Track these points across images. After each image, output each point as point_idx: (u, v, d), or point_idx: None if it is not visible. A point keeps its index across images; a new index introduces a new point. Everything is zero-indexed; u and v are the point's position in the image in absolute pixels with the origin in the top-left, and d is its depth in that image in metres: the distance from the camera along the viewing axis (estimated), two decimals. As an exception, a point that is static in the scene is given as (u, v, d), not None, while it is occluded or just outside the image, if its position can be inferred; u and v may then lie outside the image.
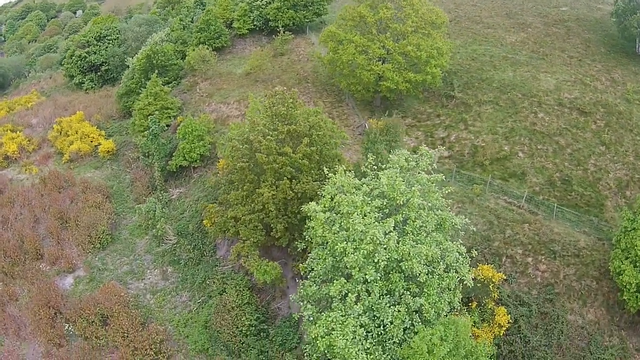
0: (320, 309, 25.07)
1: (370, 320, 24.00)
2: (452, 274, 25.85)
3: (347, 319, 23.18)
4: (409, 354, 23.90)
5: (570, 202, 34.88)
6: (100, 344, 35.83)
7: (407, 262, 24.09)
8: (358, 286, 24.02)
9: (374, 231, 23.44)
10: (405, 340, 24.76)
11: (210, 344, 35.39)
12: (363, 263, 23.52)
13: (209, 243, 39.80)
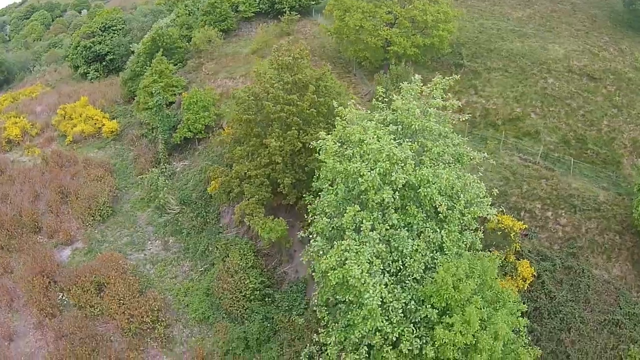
0: (331, 244, 22.02)
1: (387, 253, 21.02)
2: (474, 209, 23.04)
3: (363, 247, 20.20)
4: (431, 291, 20.85)
5: (586, 159, 32.20)
6: (94, 313, 32.46)
7: (425, 188, 21.27)
8: (374, 213, 21.12)
9: (390, 147, 20.69)
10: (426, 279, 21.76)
11: (211, 312, 32.03)
12: (379, 184, 20.68)
13: (213, 211, 36.84)
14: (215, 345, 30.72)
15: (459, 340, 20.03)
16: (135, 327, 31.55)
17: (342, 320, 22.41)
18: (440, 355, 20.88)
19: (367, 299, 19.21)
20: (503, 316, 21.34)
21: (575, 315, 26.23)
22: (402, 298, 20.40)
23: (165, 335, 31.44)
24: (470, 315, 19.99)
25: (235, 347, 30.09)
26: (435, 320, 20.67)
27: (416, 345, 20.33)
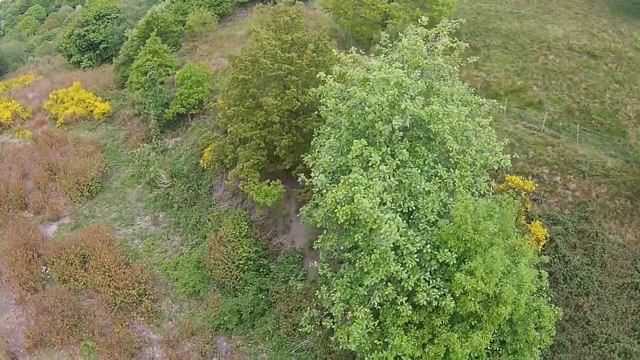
0: (336, 181, 19.34)
1: (399, 191, 18.44)
2: (486, 154, 20.67)
3: (372, 181, 17.60)
4: (448, 234, 18.19)
5: (591, 129, 30.10)
6: (78, 287, 29.33)
7: (436, 124, 18.84)
8: (382, 149, 18.58)
9: (398, 71, 18.25)
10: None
11: (202, 285, 28.98)
12: (388, 114, 18.18)
13: (205, 184, 34.02)
14: (206, 320, 27.75)
15: (482, 289, 17.44)
16: (120, 301, 28.46)
17: (348, 274, 19.72)
18: (460, 309, 18.28)
19: (381, 237, 16.51)
20: (524, 267, 18.81)
21: (592, 279, 23.74)
22: (417, 241, 17.77)
23: (152, 310, 28.38)
24: (494, 258, 17.43)
25: (228, 321, 27.11)
26: (454, 267, 18.08)
27: (434, 295, 17.66)
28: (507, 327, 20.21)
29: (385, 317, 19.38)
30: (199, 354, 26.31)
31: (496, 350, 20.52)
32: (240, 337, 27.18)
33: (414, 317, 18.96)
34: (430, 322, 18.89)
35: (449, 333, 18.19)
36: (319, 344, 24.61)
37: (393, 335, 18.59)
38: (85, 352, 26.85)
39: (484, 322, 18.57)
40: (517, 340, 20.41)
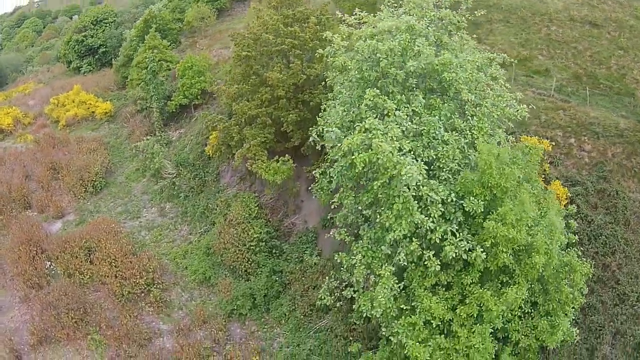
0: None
1: (417, 137, 17.01)
2: (502, 106, 19.38)
3: (389, 125, 16.16)
4: (472, 183, 16.75)
5: (599, 93, 29.00)
6: (84, 280, 27.77)
7: (450, 73, 17.51)
8: (397, 97, 17.20)
9: (409, 18, 16.98)
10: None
11: (212, 271, 27.30)
12: (400, 59, 16.80)
13: (212, 172, 32.55)
14: (218, 307, 26.14)
15: (514, 237, 15.99)
16: (127, 292, 26.81)
17: (368, 236, 18.21)
18: (491, 264, 16.80)
19: (402, 184, 15.07)
20: (553, 215, 17.39)
21: (617, 238, 22.27)
22: (441, 190, 16.33)
23: (161, 299, 26.73)
24: (523, 204, 16.02)
25: (241, 306, 25.49)
26: (480, 218, 16.62)
27: (463, 248, 16.16)
28: (538, 285, 18.75)
29: (411, 280, 17.86)
30: (212, 342, 24.72)
31: (528, 312, 19.06)
32: (254, 322, 25.58)
33: (441, 277, 17.48)
34: (460, 281, 17.40)
35: (481, 290, 16.69)
36: (339, 321, 23.06)
37: (421, 297, 17.07)
38: (93, 346, 25.17)
39: (516, 277, 17.11)
40: (549, 300, 18.93)
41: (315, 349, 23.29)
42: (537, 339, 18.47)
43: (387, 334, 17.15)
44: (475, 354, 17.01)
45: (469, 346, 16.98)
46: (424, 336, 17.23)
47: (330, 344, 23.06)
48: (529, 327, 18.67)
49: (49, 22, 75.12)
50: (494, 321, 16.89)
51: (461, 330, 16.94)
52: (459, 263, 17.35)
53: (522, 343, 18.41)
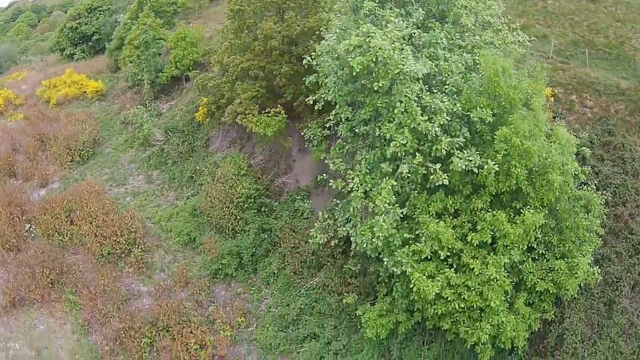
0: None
1: (418, 52, 14.88)
2: (504, 33, 17.49)
3: (388, 27, 13.97)
4: (477, 93, 14.70)
5: (599, 57, 27.28)
6: (64, 241, 25.06)
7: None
8: (395, 9, 15.01)
9: None
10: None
11: (198, 233, 24.78)
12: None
13: (202, 137, 30.04)
14: (203, 269, 23.51)
15: (528, 148, 13.90)
16: (107, 252, 24.25)
17: (366, 159, 15.87)
18: (503, 184, 14.57)
19: (407, 71, 12.87)
20: (563, 130, 15.41)
21: (627, 187, 20.12)
22: (445, 101, 14.18)
23: (142, 260, 24.14)
24: (536, 108, 13.98)
25: (227, 265, 22.92)
26: (489, 133, 14.49)
27: (473, 161, 13.96)
28: (552, 222, 16.49)
29: (414, 209, 15.52)
30: (194, 303, 22.04)
31: (542, 254, 16.73)
32: (241, 284, 23.02)
33: (448, 202, 15.18)
34: (469, 207, 15.07)
35: (496, 212, 14.40)
36: (333, 277, 20.51)
37: (426, 224, 14.71)
38: (67, 307, 22.47)
39: (531, 201, 14.87)
40: (563, 240, 16.66)
41: (306, 308, 20.76)
42: (554, 282, 16.11)
43: (389, 265, 14.66)
44: (489, 292, 14.58)
45: (482, 282, 14.55)
46: (432, 270, 14.81)
47: (323, 302, 20.51)
48: (544, 270, 16.34)
49: (43, 16, 72.87)
50: (510, 250, 14.56)
51: (473, 262, 14.53)
52: (467, 187, 15.10)
53: (539, 287, 16.06)
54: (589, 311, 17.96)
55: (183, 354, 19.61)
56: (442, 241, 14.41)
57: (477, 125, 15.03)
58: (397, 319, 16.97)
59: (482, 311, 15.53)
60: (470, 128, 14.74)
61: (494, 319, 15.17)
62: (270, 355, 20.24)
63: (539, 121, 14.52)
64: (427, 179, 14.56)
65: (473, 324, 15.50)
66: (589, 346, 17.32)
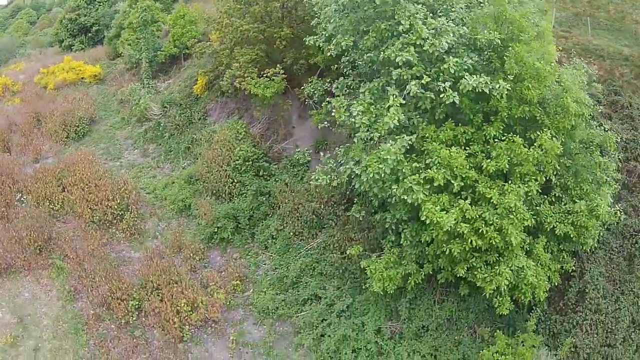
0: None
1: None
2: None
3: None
4: (484, 19, 13.25)
5: (600, 28, 26.10)
6: (55, 209, 23.07)
7: None
8: None
9: None
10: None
11: (193, 200, 22.80)
12: None
13: (199, 110, 28.25)
14: (197, 234, 21.52)
15: (540, 69, 12.41)
16: (98, 218, 22.27)
17: (370, 89, 14.25)
18: (516, 109, 12.99)
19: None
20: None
21: (638, 143, 18.68)
22: (452, 24, 12.67)
23: (134, 226, 22.18)
24: (546, 30, 12.58)
25: (222, 229, 20.94)
26: (497, 60, 13.02)
27: (482, 81, 12.40)
28: (567, 161, 14.89)
29: (423, 139, 13.85)
30: (188, 269, 19.96)
31: (559, 197, 15.06)
32: (237, 249, 21.06)
33: (459, 131, 13.52)
34: (482, 136, 13.43)
35: (510, 136, 12.80)
36: (336, 234, 18.60)
37: (437, 150, 13.00)
38: (54, 274, 20.41)
39: (546, 129, 13.33)
40: (580, 182, 15.01)
41: (307, 270, 18.83)
42: (574, 225, 14.40)
43: (399, 193, 12.82)
44: (508, 226, 12.81)
45: (501, 214, 12.81)
46: (445, 202, 13.04)
47: (325, 263, 18.58)
48: (562, 213, 14.65)
49: (43, 13, 71.03)
50: (527, 182, 12.87)
51: (490, 192, 12.79)
52: (477, 117, 13.51)
53: (558, 231, 14.33)
54: (608, 266, 16.27)
55: (172, 316, 17.58)
56: (455, 169, 12.72)
57: (484, 52, 13.71)
58: (405, 271, 15.11)
59: (500, 256, 13.77)
60: (478, 56, 13.36)
61: (514, 262, 13.39)
62: (267, 319, 18.24)
63: (549, 43, 13.09)
64: (435, 107, 12.99)
65: (491, 269, 13.71)
66: (612, 302, 15.58)
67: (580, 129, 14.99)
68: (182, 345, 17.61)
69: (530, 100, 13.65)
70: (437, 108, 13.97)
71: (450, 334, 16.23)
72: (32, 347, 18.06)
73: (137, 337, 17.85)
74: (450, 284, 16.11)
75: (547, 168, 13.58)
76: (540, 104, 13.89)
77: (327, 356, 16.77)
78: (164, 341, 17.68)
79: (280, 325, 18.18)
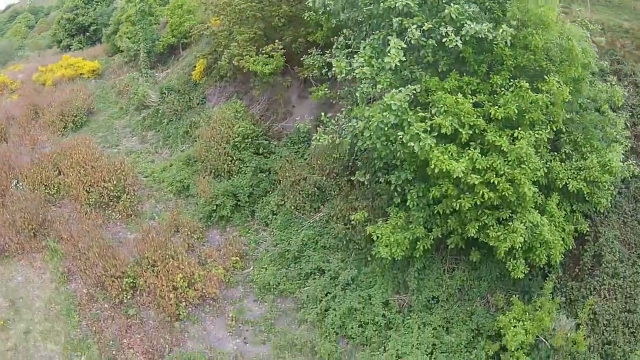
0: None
1: None
2: None
3: None
4: None
5: (599, 4, 25.35)
6: (51, 193, 21.93)
7: None
8: None
9: None
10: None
11: (192, 180, 21.74)
12: None
13: (198, 96, 27.12)
14: (196, 214, 20.35)
15: (544, 14, 11.72)
16: (94, 200, 21.13)
17: (370, 43, 13.28)
18: (521, 57, 12.09)
19: None
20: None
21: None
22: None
23: (131, 207, 21.05)
24: None
25: (221, 206, 19.77)
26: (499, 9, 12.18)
27: (485, 26, 11.58)
28: (575, 116, 14.00)
29: (427, 91, 12.88)
30: (184, 247, 18.61)
31: (569, 154, 14.08)
32: (237, 228, 19.88)
33: (464, 81, 12.60)
34: (488, 85, 12.53)
35: (517, 82, 11.92)
36: (338, 201, 17.49)
37: (442, 98, 12.04)
38: (48, 257, 19.25)
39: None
40: (589, 138, 14.08)
41: (309, 243, 17.67)
42: (587, 181, 13.39)
43: (406, 140, 11.75)
44: (521, 176, 11.77)
45: (512, 163, 11.79)
46: (454, 152, 12.01)
47: (328, 236, 17.43)
48: (574, 170, 13.65)
49: (41, 17, 70.11)
50: (537, 132, 11.93)
51: (500, 139, 11.79)
52: (482, 67, 12.62)
53: (571, 187, 13.30)
54: (622, 229, 15.17)
55: (168, 292, 16.36)
56: (462, 117, 11.74)
57: (485, 2, 12.89)
58: (413, 236, 13.99)
59: (513, 212, 12.71)
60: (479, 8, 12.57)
61: (528, 218, 12.32)
62: (269, 295, 17.06)
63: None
64: (438, 60, 12.12)
65: (504, 228, 12.63)
66: (629, 267, 14.48)
67: (586, 83, 14.13)
68: (178, 324, 16.40)
69: (535, 47, 12.85)
70: (440, 60, 13.08)
71: (462, 304, 15.10)
72: (23, 330, 16.86)
73: (132, 316, 16.67)
74: (461, 251, 15.01)
75: (556, 117, 12.67)
76: (545, 52, 13.12)
77: (332, 331, 15.60)
78: (160, 320, 16.49)
79: (282, 302, 17.01)
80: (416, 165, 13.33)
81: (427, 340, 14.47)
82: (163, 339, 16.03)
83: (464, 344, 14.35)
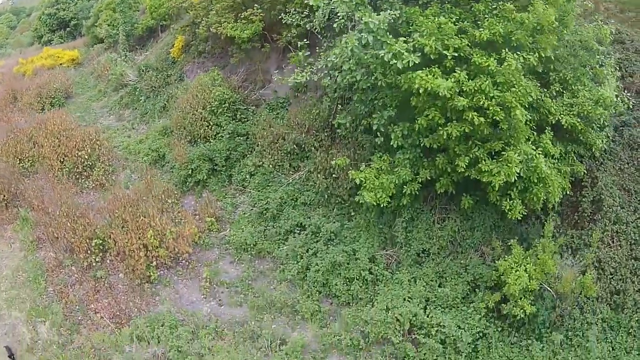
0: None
1: None
2: None
3: None
4: None
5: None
6: (25, 166, 19.94)
7: None
8: None
9: None
10: None
11: (168, 149, 20.04)
12: None
13: (176, 72, 25.54)
14: (171, 181, 18.63)
15: None
16: (68, 169, 19.33)
17: None
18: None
19: None
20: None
21: (631, 61, 16.56)
22: None
23: (105, 177, 19.31)
24: None
25: (197, 171, 18.08)
26: None
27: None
28: (564, 51, 12.90)
29: (408, 22, 11.62)
30: (158, 209, 16.89)
31: (559, 91, 12.95)
32: (213, 193, 18.15)
33: (447, 9, 11.41)
34: (471, 13, 11.35)
35: (502, 4, 10.78)
36: (319, 156, 16.00)
37: (424, 22, 10.79)
38: (19, 227, 17.36)
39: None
40: (580, 75, 13.01)
41: (289, 200, 16.08)
42: (580, 116, 12.23)
43: (387, 58, 10.39)
44: (511, 99, 10.53)
45: (501, 86, 10.55)
46: (438, 75, 10.70)
47: (309, 192, 15.92)
48: (566, 106, 12.48)
49: (22, 17, 67.77)
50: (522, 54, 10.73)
51: (487, 60, 10.56)
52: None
53: (565, 122, 12.11)
54: (620, 175, 13.96)
55: (138, 251, 14.61)
56: (446, 39, 10.49)
57: None
58: (400, 179, 12.57)
59: (506, 144, 11.41)
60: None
61: (522, 148, 11.05)
62: (245, 255, 15.42)
63: None
64: None
65: (497, 162, 11.31)
66: (631, 213, 13.24)
67: (571, 17, 13.01)
68: (149, 287, 14.65)
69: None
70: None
71: (456, 257, 13.60)
72: (-13, 299, 14.95)
73: (100, 280, 14.86)
74: (451, 200, 13.64)
75: (544, 44, 11.49)
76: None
77: (315, 290, 13.99)
78: (129, 283, 14.71)
79: (260, 262, 15.36)
80: (398, 101, 12.00)
81: (419, 293, 12.94)
82: (132, 302, 14.28)
83: (460, 297, 12.84)
